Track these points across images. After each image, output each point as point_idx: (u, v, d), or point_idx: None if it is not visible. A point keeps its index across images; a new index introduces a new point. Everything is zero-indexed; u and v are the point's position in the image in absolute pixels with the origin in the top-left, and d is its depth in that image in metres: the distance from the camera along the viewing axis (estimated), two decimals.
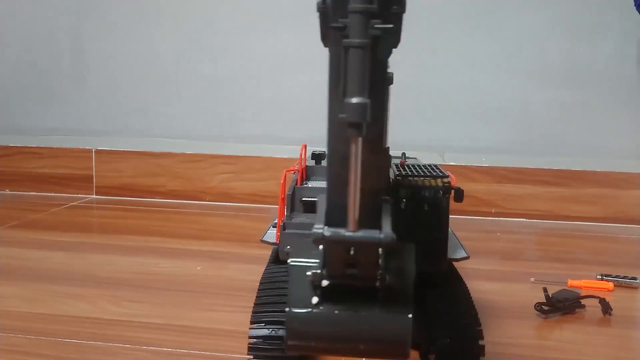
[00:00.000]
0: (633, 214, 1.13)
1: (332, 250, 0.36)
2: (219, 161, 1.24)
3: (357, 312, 0.37)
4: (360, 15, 0.31)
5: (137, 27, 1.24)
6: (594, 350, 0.59)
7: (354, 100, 0.31)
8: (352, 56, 0.31)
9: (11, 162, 1.30)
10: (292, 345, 0.38)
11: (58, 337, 0.58)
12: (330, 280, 0.37)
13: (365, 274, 0.36)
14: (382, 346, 0.37)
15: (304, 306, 0.37)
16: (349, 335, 0.37)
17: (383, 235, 0.34)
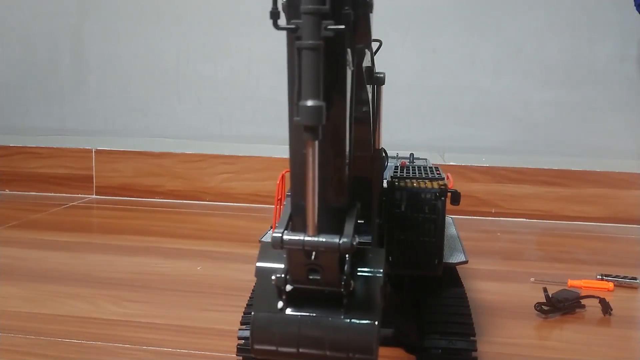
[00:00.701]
0: (633, 214, 1.13)
1: (292, 255, 0.35)
2: (218, 161, 1.24)
3: (322, 318, 0.36)
4: (312, 16, 0.30)
5: (137, 27, 1.24)
6: (594, 350, 0.59)
7: (308, 103, 0.30)
8: (305, 58, 0.30)
9: (11, 162, 1.30)
10: (258, 349, 0.37)
11: (58, 337, 0.58)
12: (293, 285, 0.36)
13: (328, 279, 0.35)
14: (348, 354, 0.36)
15: (269, 310, 0.36)
16: (314, 341, 0.36)
17: (342, 240, 0.34)
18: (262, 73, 1.22)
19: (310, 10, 0.30)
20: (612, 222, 1.13)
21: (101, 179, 1.28)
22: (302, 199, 0.34)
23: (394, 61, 1.16)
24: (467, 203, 1.16)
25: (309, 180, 0.32)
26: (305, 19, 0.30)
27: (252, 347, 0.37)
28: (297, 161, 0.34)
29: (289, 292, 0.36)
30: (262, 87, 1.22)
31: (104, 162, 1.28)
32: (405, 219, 0.50)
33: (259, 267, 0.38)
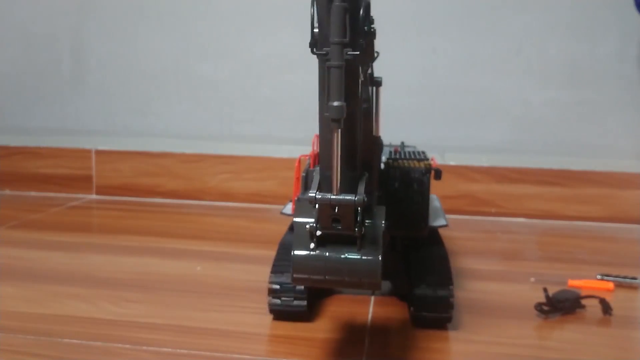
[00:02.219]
0: (633, 214, 1.13)
1: (322, 209, 0.48)
2: (218, 161, 1.24)
3: (342, 254, 0.49)
4: (338, 45, 0.43)
5: (137, 27, 1.24)
6: (594, 350, 0.59)
7: (334, 103, 0.43)
8: (333, 74, 0.43)
9: (11, 162, 1.30)
10: (297, 278, 0.50)
11: (58, 337, 0.58)
12: (322, 231, 0.49)
13: (346, 226, 0.48)
14: (360, 279, 0.49)
15: (305, 250, 0.49)
16: (336, 271, 0.49)
17: (356, 197, 0.47)
18: (262, 73, 1.22)
19: (337, 42, 0.43)
20: (612, 222, 1.13)
21: (101, 179, 1.28)
22: (328, 170, 0.47)
23: (394, 61, 1.16)
24: (467, 203, 1.16)
25: (334, 156, 0.45)
26: (333, 47, 0.43)
27: (293, 276, 0.50)
28: (325, 144, 0.48)
29: (318, 236, 0.49)
30: (262, 87, 1.22)
31: (104, 162, 1.28)
32: (399, 192, 0.64)
33: (296, 220, 0.50)
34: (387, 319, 0.65)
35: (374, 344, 0.59)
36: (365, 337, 0.60)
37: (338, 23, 0.43)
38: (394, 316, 0.66)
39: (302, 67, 1.20)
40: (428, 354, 0.57)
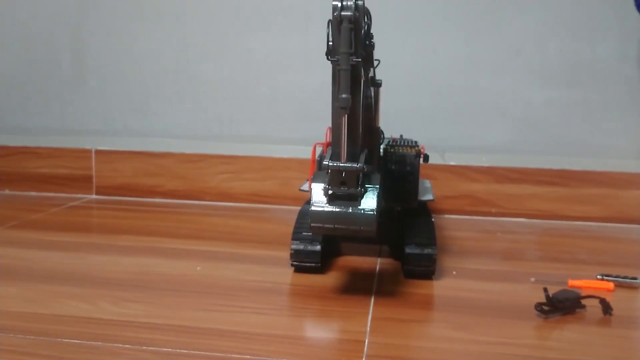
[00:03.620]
0: (633, 214, 1.13)
1: (332, 174, 0.65)
2: (218, 161, 1.24)
3: (347, 208, 0.65)
4: (345, 54, 0.61)
5: (137, 27, 1.25)
6: (594, 350, 0.59)
7: (343, 95, 0.61)
8: (342, 75, 0.61)
9: (11, 162, 1.30)
10: (313, 226, 0.66)
11: (58, 337, 0.58)
12: (332, 191, 0.65)
13: (351, 187, 0.65)
14: (360, 227, 0.65)
15: (319, 205, 0.66)
16: (343, 221, 0.65)
17: (358, 165, 0.64)
18: (262, 73, 1.22)
19: (344, 52, 0.60)
20: (612, 222, 1.13)
21: (101, 179, 1.28)
22: (338, 147, 0.64)
23: (394, 61, 1.16)
24: (467, 203, 1.16)
25: (342, 136, 0.64)
26: (342, 56, 0.61)
27: (310, 225, 0.66)
28: (335, 127, 0.65)
29: (330, 195, 0.66)
30: (262, 87, 1.22)
31: (104, 162, 1.28)
32: (395, 172, 0.80)
33: (313, 184, 0.67)
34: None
35: (374, 344, 0.59)
36: (366, 337, 0.60)
37: (346, 39, 0.60)
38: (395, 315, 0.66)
39: (302, 67, 1.21)
40: (429, 353, 0.57)
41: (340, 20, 0.60)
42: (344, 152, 0.64)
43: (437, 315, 0.66)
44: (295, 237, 0.79)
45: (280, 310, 0.67)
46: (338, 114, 0.63)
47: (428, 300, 0.71)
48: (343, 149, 0.64)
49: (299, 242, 0.79)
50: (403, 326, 0.63)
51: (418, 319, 0.65)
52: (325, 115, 1.20)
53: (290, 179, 1.21)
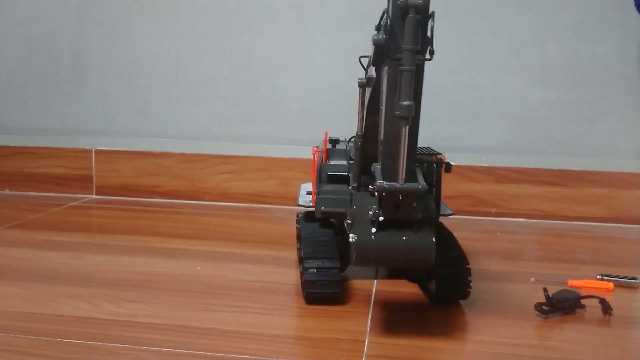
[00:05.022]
0: (633, 214, 1.13)
1: (388, 197, 0.54)
2: (218, 161, 1.24)
3: (401, 237, 0.55)
4: (410, 52, 0.51)
5: (137, 27, 1.24)
6: (594, 350, 0.59)
7: (405, 102, 0.51)
8: (405, 77, 0.51)
9: (11, 162, 1.30)
10: (359, 260, 0.55)
11: (58, 337, 0.58)
12: (384, 217, 0.55)
13: (407, 212, 0.55)
14: (416, 259, 0.55)
15: (366, 234, 0.55)
16: (397, 254, 0.55)
17: (420, 186, 0.54)
18: (262, 73, 1.22)
19: (409, 49, 0.51)
20: (612, 222, 1.13)
21: (101, 179, 1.28)
22: (394, 163, 0.54)
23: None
24: (467, 203, 1.16)
25: (401, 150, 0.53)
26: (406, 54, 0.51)
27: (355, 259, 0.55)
28: (391, 140, 0.55)
29: (380, 222, 0.55)
30: (262, 87, 1.22)
31: (104, 162, 1.28)
32: None
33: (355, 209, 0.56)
34: (389, 319, 0.65)
35: (374, 344, 0.59)
36: (366, 337, 0.60)
37: (412, 32, 0.51)
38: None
39: (302, 67, 1.21)
40: (429, 353, 0.57)
41: (405, 9, 0.51)
42: (403, 171, 0.53)
43: (437, 315, 0.66)
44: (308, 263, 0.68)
45: (280, 310, 0.67)
46: (395, 125, 0.53)
47: (428, 300, 0.71)
48: (402, 167, 0.53)
49: (315, 271, 0.67)
50: (403, 326, 0.63)
51: (418, 319, 0.65)
52: (326, 115, 1.21)
53: (290, 179, 1.21)
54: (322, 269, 0.67)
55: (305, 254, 0.69)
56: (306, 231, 0.75)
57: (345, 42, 1.18)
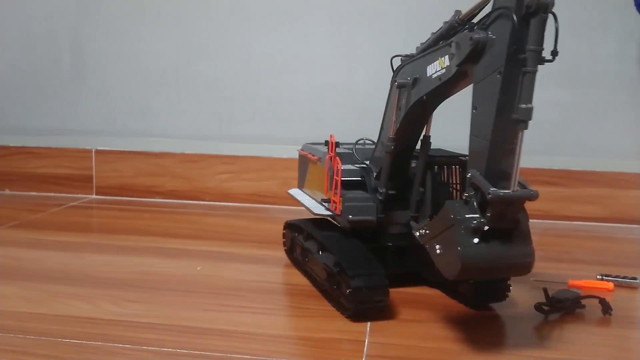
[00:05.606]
0: (633, 214, 1.13)
1: (499, 204, 0.51)
2: (218, 161, 1.24)
3: (502, 246, 0.53)
4: (535, 53, 0.50)
5: (137, 27, 1.24)
6: (594, 350, 0.59)
7: (525, 105, 0.51)
8: (527, 78, 0.51)
9: (11, 162, 1.30)
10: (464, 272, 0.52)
11: (58, 337, 0.58)
12: (489, 226, 0.52)
13: (512, 220, 0.53)
14: (518, 267, 0.54)
15: (469, 245, 0.52)
16: (499, 262, 0.53)
17: (533, 192, 0.52)
18: (262, 73, 1.22)
19: (534, 49, 0.51)
20: (612, 222, 1.13)
21: (101, 179, 1.28)
22: (505, 167, 0.52)
23: (394, 61, 1.16)
24: None
25: (516, 155, 0.51)
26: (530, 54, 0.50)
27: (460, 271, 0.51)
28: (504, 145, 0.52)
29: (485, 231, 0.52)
30: (262, 87, 1.22)
31: (104, 162, 1.28)
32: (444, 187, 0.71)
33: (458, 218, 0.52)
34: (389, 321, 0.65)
35: (374, 344, 0.59)
36: (366, 337, 0.60)
37: (538, 33, 0.51)
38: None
39: (301, 67, 1.21)
40: (429, 353, 0.57)
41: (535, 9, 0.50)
42: (516, 177, 0.52)
43: (437, 315, 0.66)
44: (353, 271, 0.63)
45: (280, 310, 0.67)
46: (510, 128, 0.52)
47: (428, 300, 0.71)
48: (515, 173, 0.52)
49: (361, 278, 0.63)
50: (403, 326, 0.63)
51: (418, 319, 0.65)
52: (326, 116, 1.21)
53: (290, 179, 1.21)
54: (369, 281, 0.62)
55: (348, 266, 0.64)
56: (334, 241, 0.70)
57: (345, 42, 1.18)
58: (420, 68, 0.64)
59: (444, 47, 0.59)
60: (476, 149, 0.54)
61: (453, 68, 0.56)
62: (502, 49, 0.51)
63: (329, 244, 0.69)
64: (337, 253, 0.67)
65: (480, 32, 0.52)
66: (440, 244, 0.55)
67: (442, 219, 0.54)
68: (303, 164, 0.85)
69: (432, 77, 0.61)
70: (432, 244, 0.56)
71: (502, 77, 0.51)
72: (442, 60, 0.59)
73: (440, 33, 0.65)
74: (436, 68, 0.61)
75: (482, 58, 0.53)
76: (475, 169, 0.53)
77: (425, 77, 0.63)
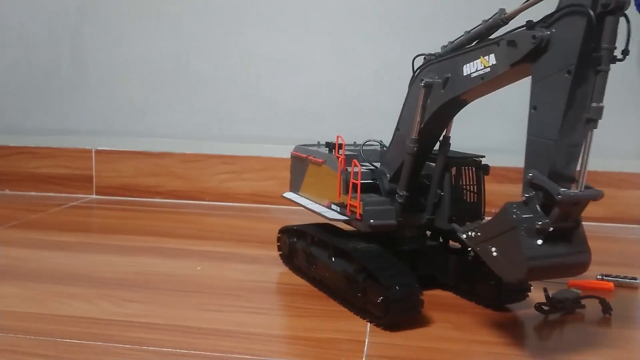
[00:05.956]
0: (633, 214, 1.13)
1: (566, 205, 0.51)
2: (218, 161, 1.24)
3: (562, 246, 0.53)
4: (608, 51, 0.50)
5: (137, 27, 1.24)
6: (594, 350, 0.59)
7: (597, 104, 0.50)
8: (601, 77, 0.50)
9: (11, 162, 1.30)
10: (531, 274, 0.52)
11: (58, 337, 0.58)
12: (554, 227, 0.51)
13: (574, 220, 0.53)
14: (577, 266, 0.55)
15: (534, 247, 0.51)
16: (560, 262, 0.53)
17: (599, 192, 0.53)
18: (262, 73, 1.22)
19: (608, 48, 0.50)
20: (612, 222, 1.13)
21: (101, 179, 1.28)
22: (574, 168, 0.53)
23: (394, 61, 1.16)
24: None
25: (584, 155, 0.53)
26: (605, 53, 0.50)
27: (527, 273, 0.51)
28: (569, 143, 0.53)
29: (550, 232, 0.51)
30: (262, 87, 1.22)
31: (104, 162, 1.28)
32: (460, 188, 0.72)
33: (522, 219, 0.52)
34: None
35: (374, 344, 0.59)
36: (366, 337, 0.60)
37: (612, 30, 0.50)
38: None
39: (301, 67, 1.21)
40: (429, 353, 0.57)
41: (612, 7, 0.49)
42: (584, 178, 0.52)
43: (437, 315, 0.66)
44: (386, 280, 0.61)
45: (280, 310, 0.67)
46: (580, 128, 0.53)
47: (428, 300, 0.71)
48: (584, 174, 0.52)
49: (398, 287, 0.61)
50: (403, 326, 0.63)
51: (417, 319, 0.65)
52: (326, 116, 1.21)
53: None
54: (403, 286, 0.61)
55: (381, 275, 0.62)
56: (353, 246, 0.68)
57: (345, 42, 1.18)
58: (453, 67, 0.63)
59: (488, 45, 0.58)
60: (537, 150, 0.53)
61: (504, 67, 0.55)
62: (571, 47, 0.50)
63: (350, 250, 0.67)
64: (364, 260, 0.64)
65: (542, 30, 0.53)
66: (498, 247, 0.54)
67: (500, 221, 0.53)
68: (299, 166, 0.83)
69: (471, 76, 0.60)
70: (486, 247, 0.55)
71: (572, 75, 0.50)
72: (486, 59, 0.58)
73: (478, 31, 0.63)
74: (477, 67, 0.59)
75: (543, 56, 0.52)
76: (535, 170, 0.52)
77: (460, 76, 0.62)
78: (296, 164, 0.84)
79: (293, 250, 0.79)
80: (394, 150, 0.71)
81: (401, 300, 0.60)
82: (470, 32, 0.64)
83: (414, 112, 0.67)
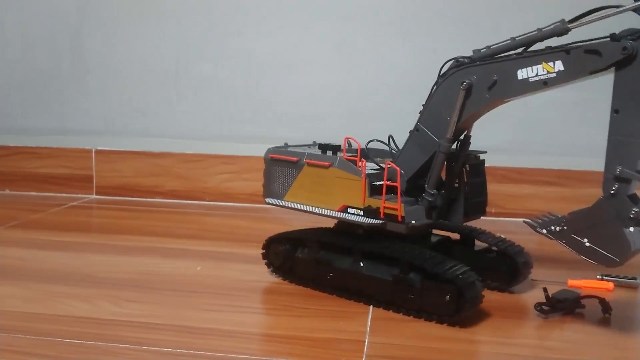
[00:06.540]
0: None
1: None
2: (218, 161, 1.24)
3: None
4: None
5: (137, 27, 1.24)
6: (594, 350, 0.59)
7: None
8: None
9: (11, 162, 1.30)
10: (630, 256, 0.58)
11: (58, 337, 0.58)
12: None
13: None
14: None
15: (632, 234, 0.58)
16: None
17: None
18: (262, 73, 1.22)
19: None
20: None
21: (101, 179, 1.28)
22: None
23: (394, 61, 1.16)
24: None
25: None
26: None
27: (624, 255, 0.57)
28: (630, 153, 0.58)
29: None
30: (262, 87, 1.22)
31: (104, 162, 1.28)
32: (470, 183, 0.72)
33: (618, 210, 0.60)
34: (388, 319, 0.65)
35: (374, 344, 0.59)
36: (366, 337, 0.60)
37: None
38: None
39: (301, 67, 1.20)
40: (430, 353, 0.57)
41: None
42: None
43: None
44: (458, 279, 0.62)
45: (280, 310, 0.67)
46: None
47: None
48: None
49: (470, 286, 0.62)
50: (403, 326, 0.63)
51: (417, 319, 0.65)
52: (325, 116, 1.20)
53: None
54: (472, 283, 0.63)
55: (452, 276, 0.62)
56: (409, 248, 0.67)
57: (345, 42, 1.18)
58: (504, 71, 0.65)
59: (554, 52, 0.62)
60: (622, 148, 0.59)
61: (581, 74, 0.59)
62: None
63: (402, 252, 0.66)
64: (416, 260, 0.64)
65: (629, 42, 0.59)
66: (591, 237, 0.61)
67: (593, 214, 0.62)
68: (283, 170, 0.79)
69: (529, 80, 0.63)
70: (574, 239, 0.62)
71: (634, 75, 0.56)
72: (550, 65, 0.61)
73: (533, 38, 0.66)
74: (537, 72, 0.63)
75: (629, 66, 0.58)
76: (621, 166, 0.59)
77: (513, 80, 0.65)
78: (277, 168, 0.80)
79: (291, 260, 0.75)
80: (412, 151, 0.70)
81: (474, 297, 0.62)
82: (521, 38, 0.66)
83: (447, 112, 0.68)
